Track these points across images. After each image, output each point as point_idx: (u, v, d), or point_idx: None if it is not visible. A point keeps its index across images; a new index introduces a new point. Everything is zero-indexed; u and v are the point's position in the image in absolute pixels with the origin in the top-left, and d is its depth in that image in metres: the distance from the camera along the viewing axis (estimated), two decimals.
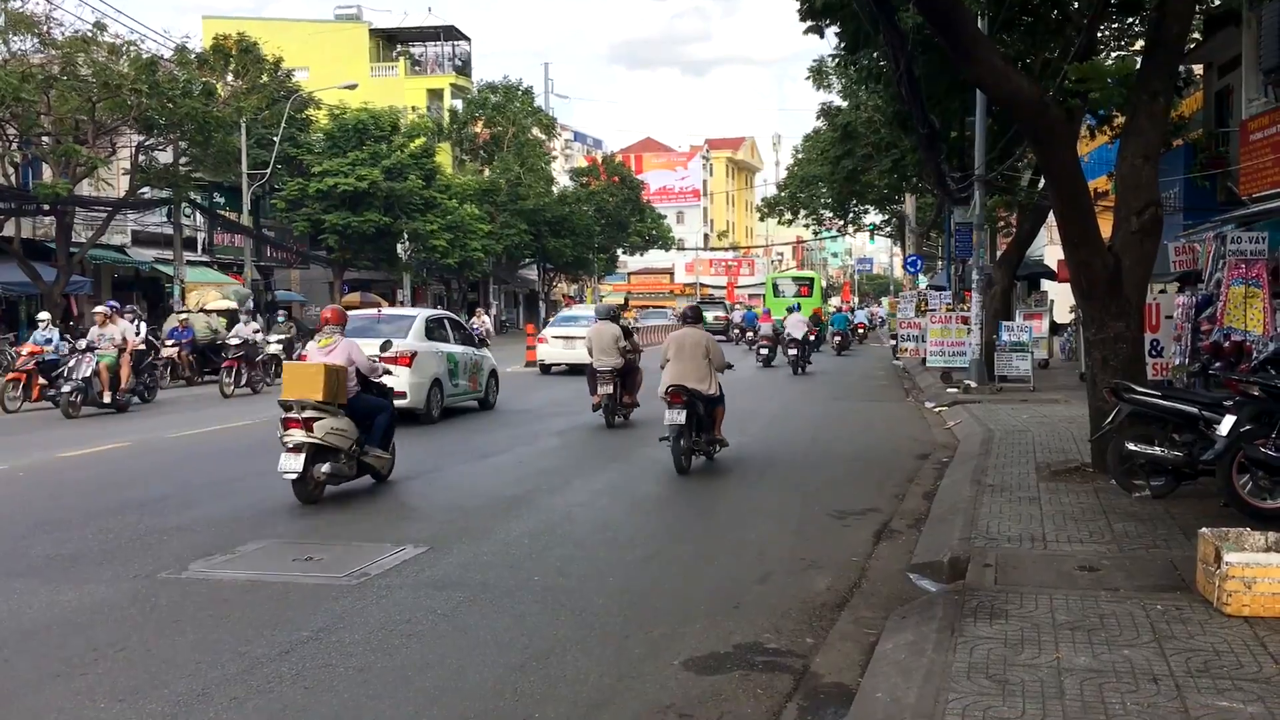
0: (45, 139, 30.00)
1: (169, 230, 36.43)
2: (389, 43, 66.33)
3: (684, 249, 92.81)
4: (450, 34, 66.63)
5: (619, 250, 74.24)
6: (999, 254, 27.83)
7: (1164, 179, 14.86)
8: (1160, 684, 5.04)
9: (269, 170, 38.71)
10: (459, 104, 61.75)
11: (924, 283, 44.56)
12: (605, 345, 16.65)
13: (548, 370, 28.67)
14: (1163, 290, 18.99)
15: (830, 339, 41.71)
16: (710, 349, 12.40)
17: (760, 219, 78.00)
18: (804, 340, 30.22)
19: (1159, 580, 6.91)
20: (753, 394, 22.58)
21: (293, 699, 5.40)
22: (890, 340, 31.36)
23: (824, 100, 45.63)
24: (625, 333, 17.25)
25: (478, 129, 60.07)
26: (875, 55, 19.29)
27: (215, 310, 30.68)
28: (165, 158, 34.07)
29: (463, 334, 19.37)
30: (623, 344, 16.75)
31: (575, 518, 9.77)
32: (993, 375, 21.94)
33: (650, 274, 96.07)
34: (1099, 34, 19.21)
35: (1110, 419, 10.00)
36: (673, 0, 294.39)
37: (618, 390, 16.63)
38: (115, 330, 19.67)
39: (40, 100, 28.56)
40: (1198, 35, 20.74)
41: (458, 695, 5.45)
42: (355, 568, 7.85)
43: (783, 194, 52.14)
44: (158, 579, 7.64)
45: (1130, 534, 8.25)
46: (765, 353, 31.78)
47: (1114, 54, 21.05)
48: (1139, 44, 17.87)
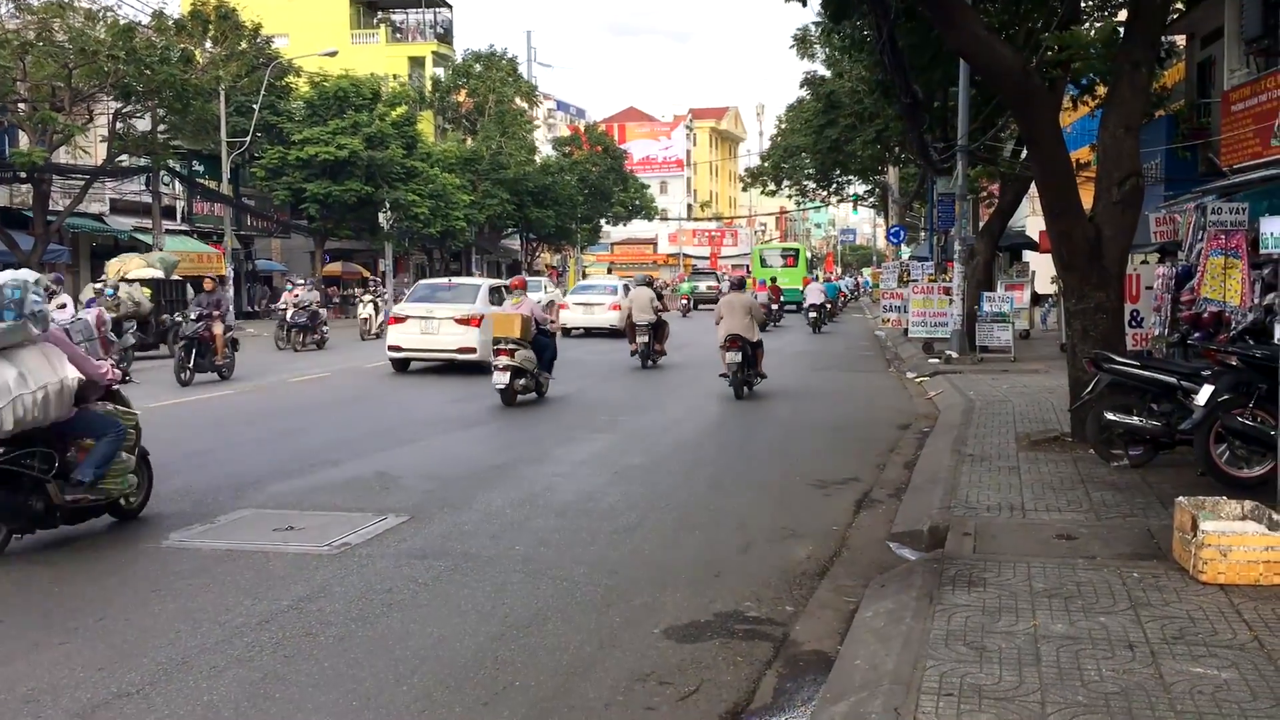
0: (21, 106, 29.63)
1: (148, 199, 36.13)
2: (369, 9, 65.61)
3: (667, 219, 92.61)
4: (432, 1, 66.02)
5: (602, 220, 73.93)
6: (981, 224, 27.85)
7: (1145, 150, 14.87)
8: (1136, 651, 5.09)
9: (248, 138, 38.37)
10: (441, 72, 61.24)
11: (907, 253, 44.58)
12: (643, 305, 21.59)
13: (568, 333, 29.85)
14: (1144, 261, 19.07)
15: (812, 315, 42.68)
16: (752, 308, 16.80)
17: (744, 189, 77.91)
18: (821, 305, 35.95)
19: (1136, 548, 6.97)
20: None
21: (272, 668, 5.40)
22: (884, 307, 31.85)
23: (808, 70, 45.43)
24: (657, 295, 22.33)
25: (460, 98, 59.62)
26: (859, 24, 19.23)
27: (138, 280, 25.36)
28: (143, 125, 33.72)
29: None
30: (656, 305, 21.75)
31: (557, 487, 9.78)
32: (974, 346, 22.01)
33: (633, 244, 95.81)
34: (1081, 4, 19.16)
35: (1089, 389, 10.05)
36: None
37: (652, 340, 21.44)
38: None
39: (16, 67, 28.19)
40: (1180, 5, 20.71)
41: (438, 664, 5.46)
42: (336, 537, 7.84)
43: (766, 164, 52.06)
44: (137, 548, 7.62)
45: (1108, 503, 8.31)
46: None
47: (1096, 24, 20.97)
48: (1122, 14, 17.84)
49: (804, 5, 17.00)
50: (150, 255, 27.87)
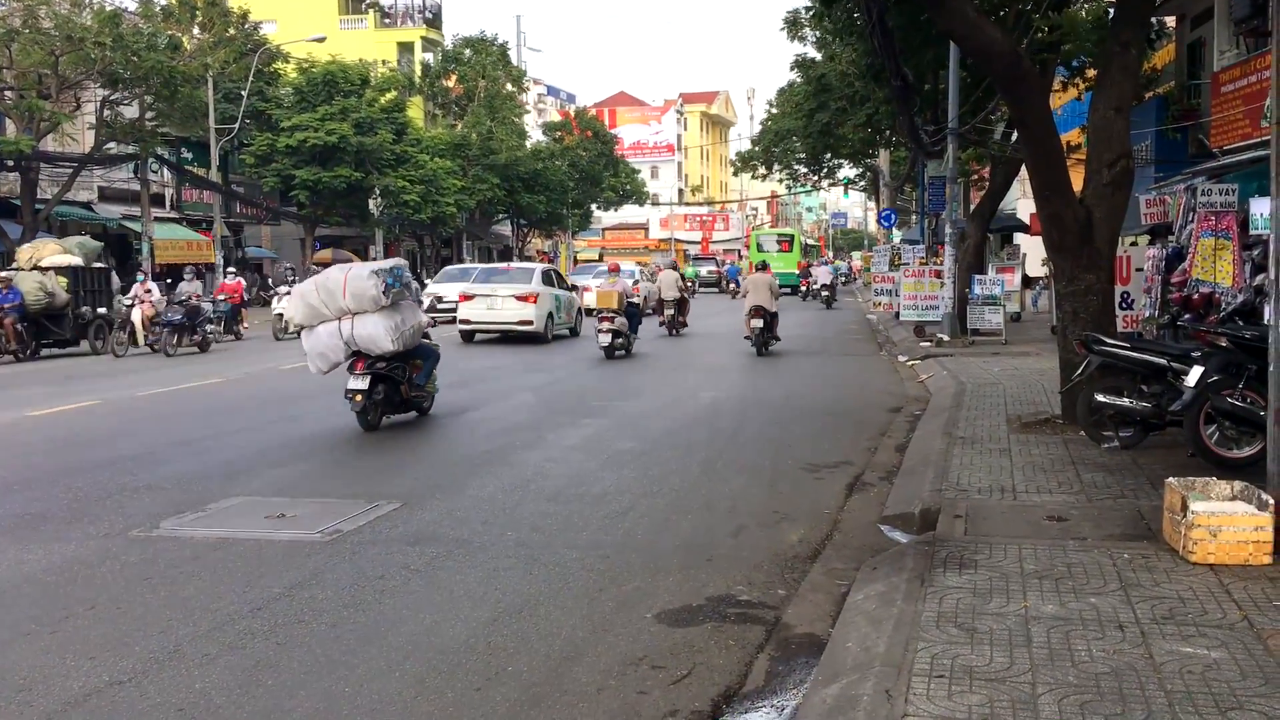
0: (7, 94, 29.48)
1: (136, 186, 36.02)
2: None
3: (658, 204, 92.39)
4: None
5: (593, 205, 73.83)
6: (972, 207, 27.86)
7: (1135, 131, 14.86)
8: (1126, 631, 5.11)
9: (237, 125, 38.23)
10: (430, 58, 60.99)
11: (898, 237, 44.60)
12: (670, 285, 26.38)
13: (590, 314, 30.20)
14: (1134, 243, 19.08)
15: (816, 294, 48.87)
16: (771, 286, 21.36)
17: (734, 173, 77.76)
18: (832, 285, 43.51)
19: (1126, 529, 6.99)
20: (725, 350, 22.62)
21: (265, 655, 5.40)
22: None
23: (798, 52, 45.34)
24: (682, 277, 28.31)
25: (449, 83, 59.38)
26: (849, 6, 19.16)
27: (53, 268, 23.31)
28: (131, 112, 33.58)
29: (561, 282, 27.13)
30: (680, 284, 26.85)
31: (549, 473, 9.78)
32: (965, 329, 22.03)
33: (625, 229, 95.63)
34: None
35: (1080, 371, 10.07)
36: None
37: (677, 313, 26.30)
38: None
39: (2, 54, 28.04)
40: None
41: (431, 650, 5.46)
42: (328, 524, 7.83)
43: (757, 148, 51.97)
44: (128, 537, 7.61)
45: (1098, 484, 8.34)
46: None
47: (1086, 6, 20.96)
48: None
49: None
50: (69, 241, 25.79)
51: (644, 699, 4.92)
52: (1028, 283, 31.42)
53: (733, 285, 53.20)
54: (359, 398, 11.74)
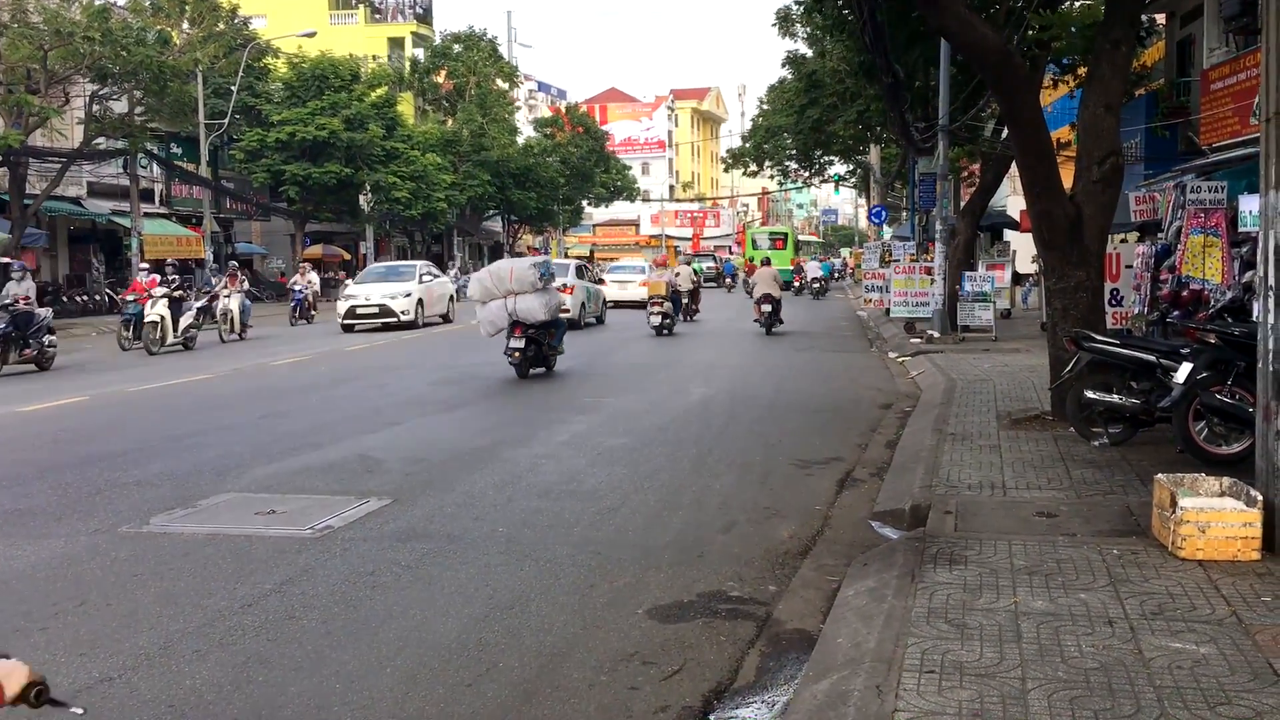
0: None
1: (125, 181, 35.88)
2: None
3: (649, 200, 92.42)
4: None
5: (584, 202, 73.82)
6: (962, 204, 27.89)
7: (1125, 129, 14.91)
8: (1115, 627, 5.13)
9: (227, 120, 38.11)
10: (420, 53, 60.89)
11: (889, 233, 44.70)
12: (685, 277, 29.75)
13: (611, 305, 34.39)
14: (1123, 240, 19.13)
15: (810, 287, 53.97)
16: (776, 278, 26.13)
17: (725, 170, 77.88)
18: (824, 278, 49.66)
19: (1115, 525, 7.01)
20: (717, 346, 22.65)
21: (255, 651, 5.39)
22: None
23: (789, 49, 45.37)
24: (694, 272, 32.47)
25: (440, 79, 59.28)
26: (840, 3, 19.18)
27: None
28: (120, 107, 33.45)
29: (590, 275, 31.83)
30: (694, 278, 30.91)
31: (540, 469, 9.78)
32: (955, 325, 22.07)
33: (615, 225, 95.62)
34: None
35: (1070, 367, 10.10)
36: None
37: (690, 301, 29.65)
38: None
39: None
40: None
41: (421, 646, 5.46)
42: (319, 520, 7.82)
43: (748, 144, 52.00)
44: (118, 533, 7.59)
45: (1088, 480, 8.36)
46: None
47: (1076, 3, 21.00)
48: None
49: None
50: None
51: (635, 695, 4.92)
52: (1018, 279, 31.47)
53: (728, 280, 57.62)
54: (517, 354, 16.00)
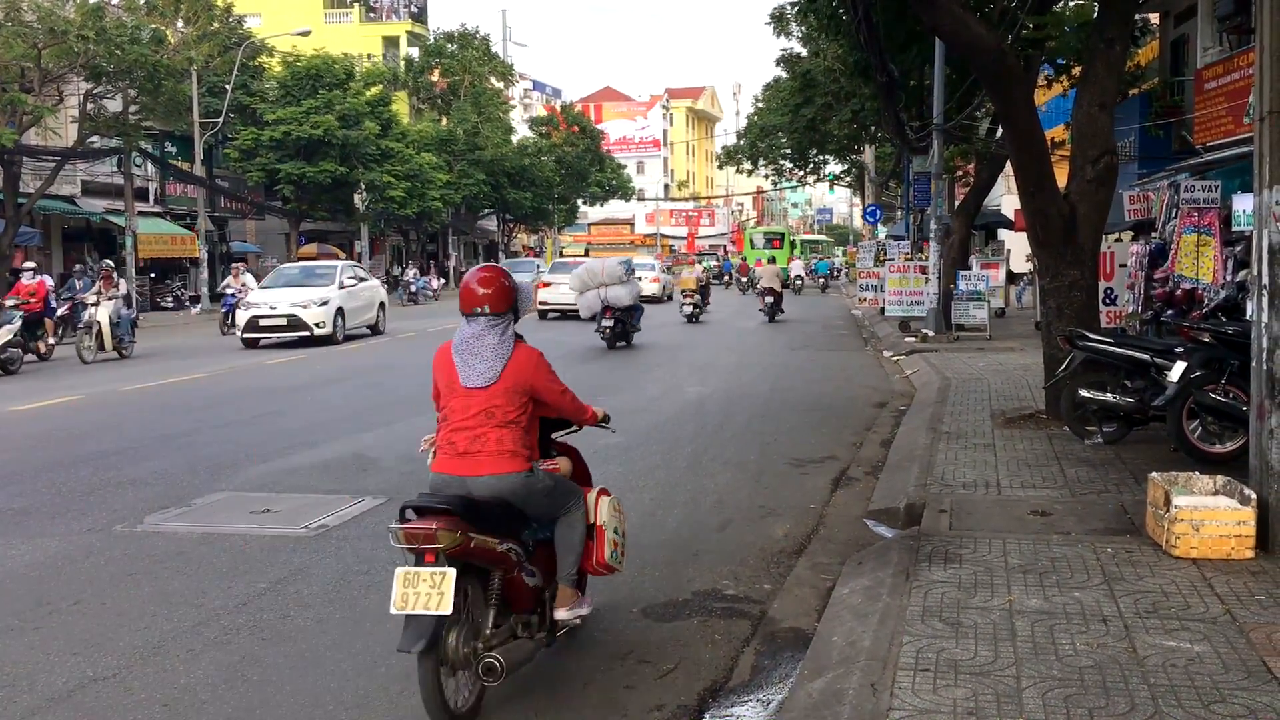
0: None
1: (120, 180, 35.78)
2: None
3: (644, 199, 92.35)
4: None
5: (579, 201, 73.76)
6: (957, 203, 27.92)
7: (1119, 128, 14.92)
8: (1109, 625, 5.13)
9: (221, 119, 38.03)
10: (415, 52, 60.82)
11: (883, 232, 44.76)
12: (697, 276, 32.94)
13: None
14: (1118, 239, 19.17)
15: (816, 281, 57.58)
16: (778, 274, 30.97)
17: (719, 167, 78.06)
18: (829, 275, 57.02)
19: (1110, 524, 7.03)
20: (713, 345, 22.65)
21: (250, 650, 5.39)
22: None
23: (784, 48, 45.47)
24: (704, 270, 37.69)
25: (434, 78, 59.22)
26: (834, 2, 19.16)
27: None
28: (114, 106, 33.36)
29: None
30: (700, 278, 33.00)
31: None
32: (950, 324, 22.09)
33: (611, 224, 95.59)
34: None
35: (1064, 366, 10.11)
36: None
37: (702, 300, 31.50)
38: None
39: None
40: None
41: None
42: (313, 519, 7.82)
43: (742, 143, 52.02)
44: (112, 532, 7.58)
45: (1082, 479, 8.37)
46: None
47: (1071, 2, 21.01)
48: None
49: None
50: None
51: (630, 693, 4.92)
52: (1012, 278, 31.50)
53: (728, 278, 60.13)
54: (607, 331, 21.09)
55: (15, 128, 28.90)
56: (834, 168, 53.47)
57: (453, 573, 4.41)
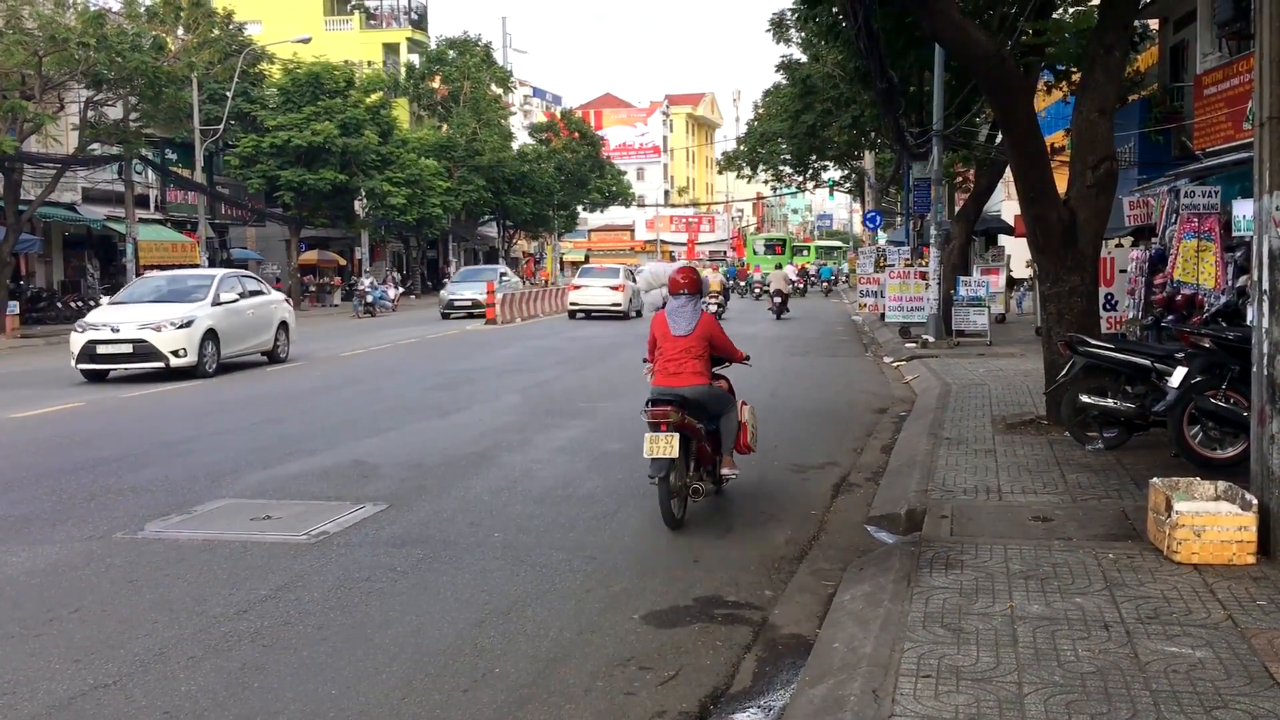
0: None
1: (120, 187, 35.78)
2: None
3: (644, 206, 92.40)
4: None
5: (579, 207, 73.76)
6: (957, 209, 27.93)
7: (1119, 134, 14.94)
8: (1111, 631, 5.13)
9: (222, 126, 38.06)
10: (415, 59, 60.87)
11: (883, 238, 44.75)
12: (715, 282, 33.96)
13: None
14: (1118, 244, 19.17)
15: (820, 285, 60.60)
16: (787, 277, 36.53)
17: (719, 173, 78.23)
18: (833, 279, 60.58)
19: (1111, 529, 7.02)
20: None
21: (250, 658, 5.38)
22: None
23: (784, 54, 45.48)
24: (725, 276, 41.25)
25: (435, 85, 59.26)
26: (835, 10, 19.19)
27: None
28: (115, 113, 33.37)
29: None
30: (722, 284, 35.95)
31: (535, 474, 9.78)
32: (950, 330, 22.09)
33: (611, 231, 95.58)
34: None
35: (1064, 372, 10.11)
36: None
37: (725, 300, 35.13)
38: None
39: None
40: None
41: (417, 651, 5.45)
42: (314, 526, 7.82)
43: (742, 149, 52.04)
44: (113, 539, 7.58)
45: (1083, 484, 8.37)
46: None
47: (1070, 9, 21.04)
48: None
49: None
50: None
51: (631, 700, 4.92)
52: (1012, 284, 31.50)
53: (730, 282, 63.17)
54: None
55: (16, 135, 28.91)
56: (834, 174, 53.51)
57: (677, 436, 7.60)
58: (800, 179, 51.44)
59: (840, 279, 66.24)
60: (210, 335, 18.21)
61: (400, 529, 7.81)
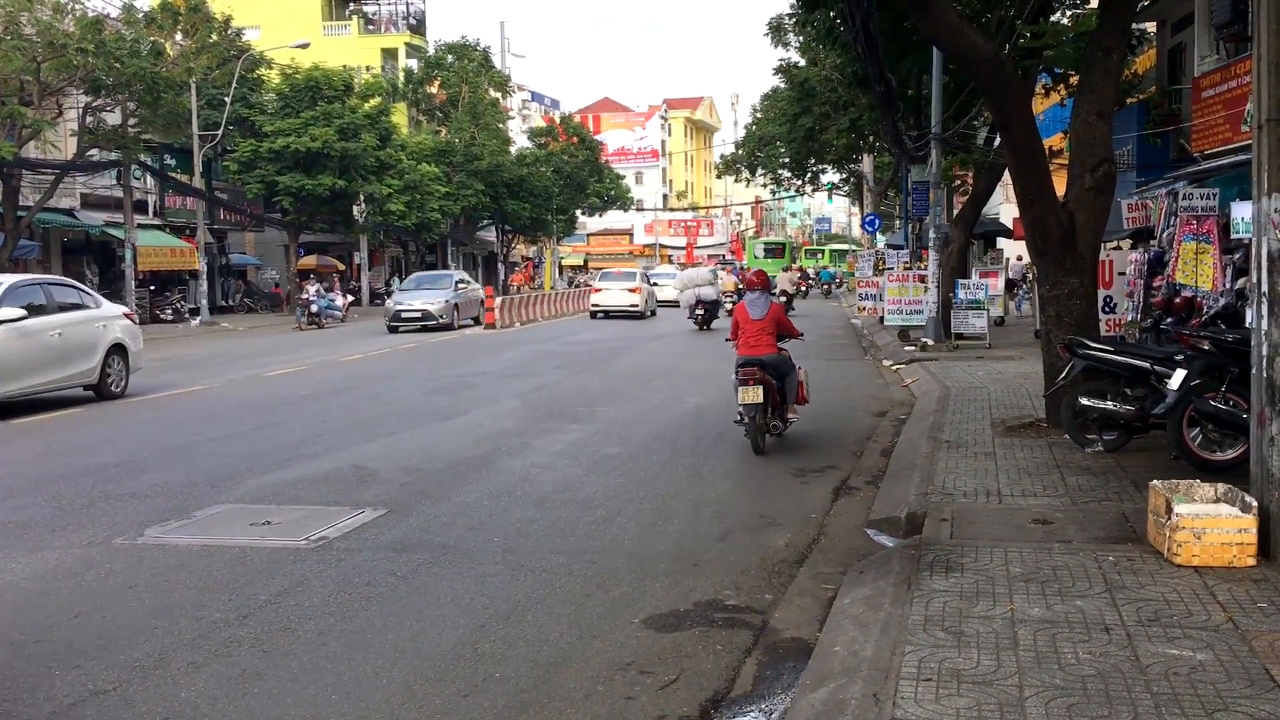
0: None
1: (119, 193, 35.81)
2: (341, 1, 65.19)
3: (643, 210, 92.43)
4: None
5: (578, 211, 73.77)
6: (955, 212, 27.95)
7: (1117, 136, 14.95)
8: (1112, 633, 5.13)
9: (220, 131, 38.07)
10: (414, 64, 60.90)
11: (882, 241, 44.79)
12: (729, 285, 36.11)
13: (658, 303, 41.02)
14: (1116, 247, 19.17)
15: (821, 287, 61.36)
16: (794, 279, 39.58)
17: (718, 177, 78.30)
18: (832, 282, 62.11)
19: (1111, 532, 7.02)
20: (709, 355, 22.65)
21: (250, 663, 5.38)
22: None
23: (782, 58, 45.62)
24: (736, 279, 39.28)
25: (433, 89, 59.28)
26: (832, 14, 19.21)
27: None
28: (114, 119, 33.40)
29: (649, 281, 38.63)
30: (735, 285, 36.28)
31: (535, 479, 9.77)
32: (949, 333, 22.10)
33: (609, 235, 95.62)
34: None
35: (1064, 374, 10.12)
36: None
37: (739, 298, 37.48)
38: None
39: None
40: None
41: (417, 656, 5.45)
42: (314, 531, 7.81)
43: (740, 153, 52.12)
44: (112, 545, 7.57)
45: (1083, 487, 8.37)
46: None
47: (1069, 12, 21.06)
48: (1093, 1, 17.90)
49: None
50: None
51: (632, 704, 4.91)
52: (1011, 286, 31.51)
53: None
54: (699, 317, 29.20)
55: (15, 141, 28.94)
56: (832, 177, 53.61)
57: (761, 387, 10.56)
58: (799, 182, 51.55)
59: (841, 280, 66.65)
60: None
61: (400, 534, 7.81)
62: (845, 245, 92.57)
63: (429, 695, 4.99)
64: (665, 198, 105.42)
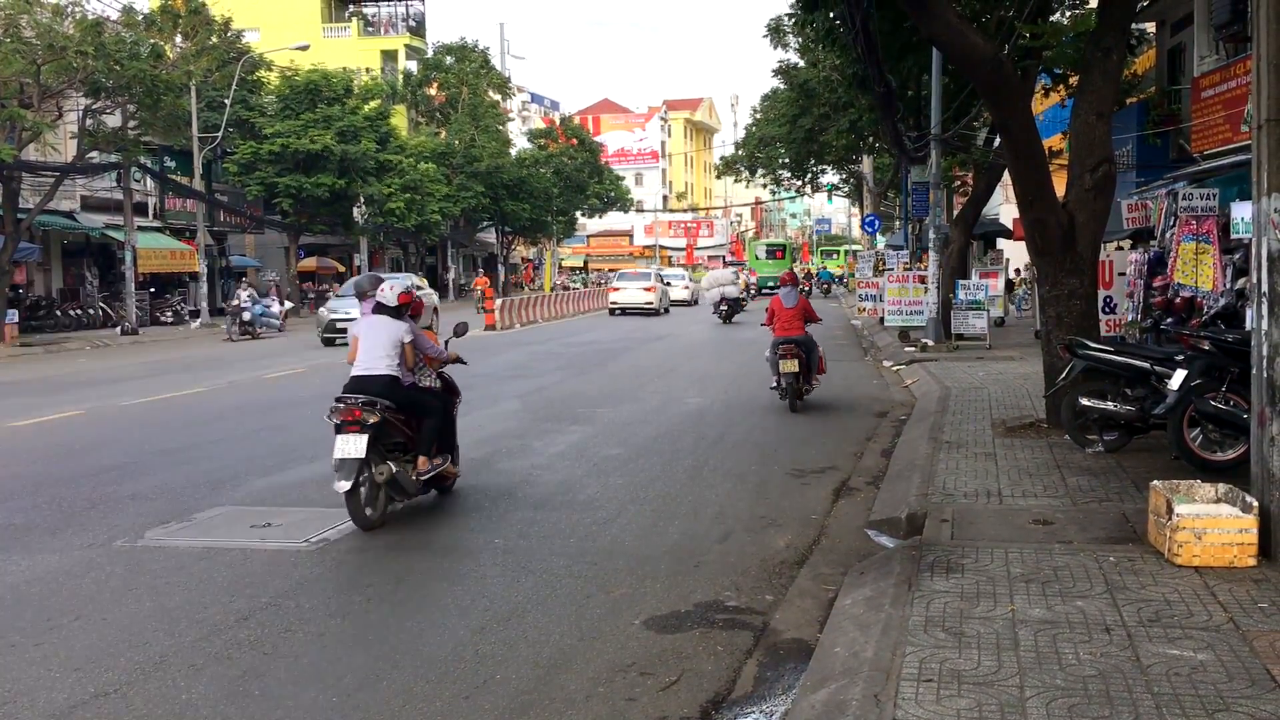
0: None
1: (119, 195, 35.79)
2: (341, 3, 65.19)
3: (643, 211, 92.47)
4: None
5: (578, 213, 73.79)
6: (955, 213, 27.94)
7: (1117, 137, 14.94)
8: (1113, 634, 5.13)
9: (220, 133, 38.07)
10: (413, 65, 60.91)
11: (882, 242, 44.78)
12: (742, 286, 38.13)
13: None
14: (1117, 247, 19.17)
15: (820, 288, 60.98)
16: (799, 280, 30.52)
17: (717, 176, 78.38)
18: (832, 281, 63.96)
19: (1111, 532, 7.02)
20: (710, 355, 22.64)
21: (251, 665, 5.38)
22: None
23: (782, 59, 45.68)
24: (744, 279, 42.89)
25: (432, 91, 59.30)
26: (832, 15, 19.21)
27: None
28: (114, 121, 33.38)
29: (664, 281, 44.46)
30: (746, 284, 41.02)
31: (536, 480, 9.77)
32: (949, 333, 22.09)
33: (609, 236, 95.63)
34: None
35: (1064, 375, 10.11)
36: None
37: (748, 296, 41.71)
38: None
39: None
40: None
41: (418, 658, 5.45)
42: (315, 533, 7.81)
43: (740, 154, 52.12)
44: (113, 547, 7.57)
45: (1083, 488, 8.37)
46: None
47: (1068, 13, 21.05)
48: (1093, 2, 17.88)
49: None
50: None
51: (633, 706, 4.91)
52: (1010, 287, 31.51)
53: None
54: (724, 312, 33.46)
55: (15, 143, 28.91)
56: (832, 178, 53.64)
57: (796, 360, 13.73)
58: (799, 183, 51.55)
59: (843, 278, 66.92)
60: None
61: (400, 535, 7.80)
62: (858, 246, 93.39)
63: (429, 696, 4.99)
64: (665, 199, 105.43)
